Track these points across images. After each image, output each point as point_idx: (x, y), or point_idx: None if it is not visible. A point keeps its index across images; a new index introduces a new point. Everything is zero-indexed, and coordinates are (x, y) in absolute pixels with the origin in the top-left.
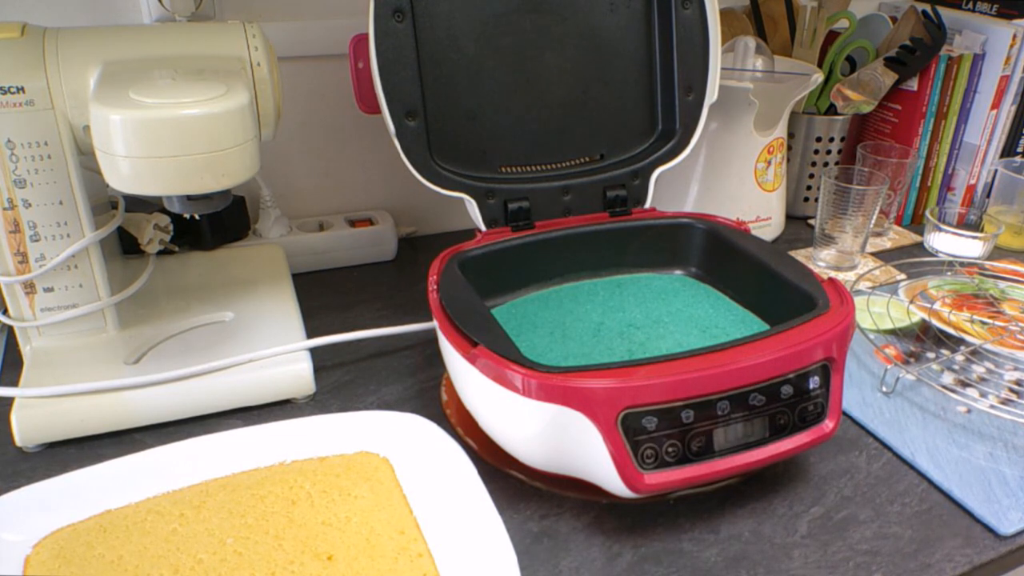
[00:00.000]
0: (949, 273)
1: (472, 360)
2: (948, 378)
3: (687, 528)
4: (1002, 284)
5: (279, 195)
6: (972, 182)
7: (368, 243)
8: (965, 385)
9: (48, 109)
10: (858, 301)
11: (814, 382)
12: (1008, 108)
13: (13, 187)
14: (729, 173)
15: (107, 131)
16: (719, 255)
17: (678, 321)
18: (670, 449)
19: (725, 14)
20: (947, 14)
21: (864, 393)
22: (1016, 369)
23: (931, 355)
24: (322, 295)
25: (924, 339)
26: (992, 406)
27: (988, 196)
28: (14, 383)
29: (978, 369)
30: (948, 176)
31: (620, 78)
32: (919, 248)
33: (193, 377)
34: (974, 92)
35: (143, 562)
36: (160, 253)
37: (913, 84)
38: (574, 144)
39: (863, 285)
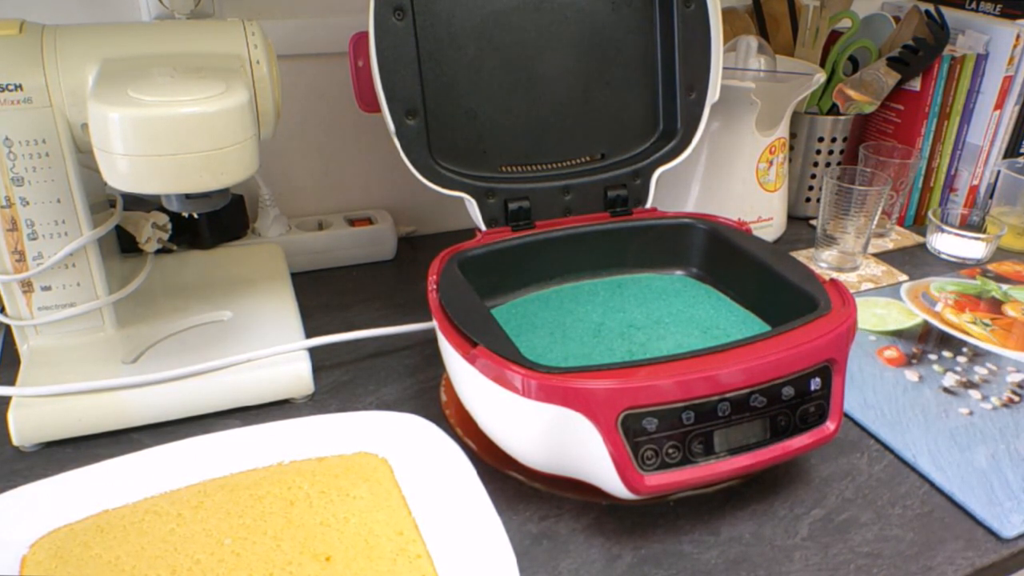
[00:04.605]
0: (952, 274)
1: (472, 360)
2: (950, 380)
3: (687, 530)
4: (1004, 286)
5: (278, 194)
6: (975, 183)
7: (367, 242)
8: (967, 387)
9: (46, 107)
10: (860, 302)
11: (815, 383)
12: (1011, 109)
13: (11, 185)
14: (731, 173)
15: (105, 129)
16: (720, 256)
17: (679, 322)
18: (671, 450)
19: (727, 13)
20: (950, 14)
21: (865, 395)
22: (1018, 371)
23: (933, 357)
24: (321, 294)
25: (926, 341)
26: (994, 408)
27: (991, 197)
28: (11, 382)
29: (980, 371)
30: (951, 177)
31: (621, 77)
32: (921, 249)
33: (191, 377)
34: (977, 92)
35: (140, 562)
36: (158, 252)
37: (916, 84)
38: (575, 143)
39: (865, 286)
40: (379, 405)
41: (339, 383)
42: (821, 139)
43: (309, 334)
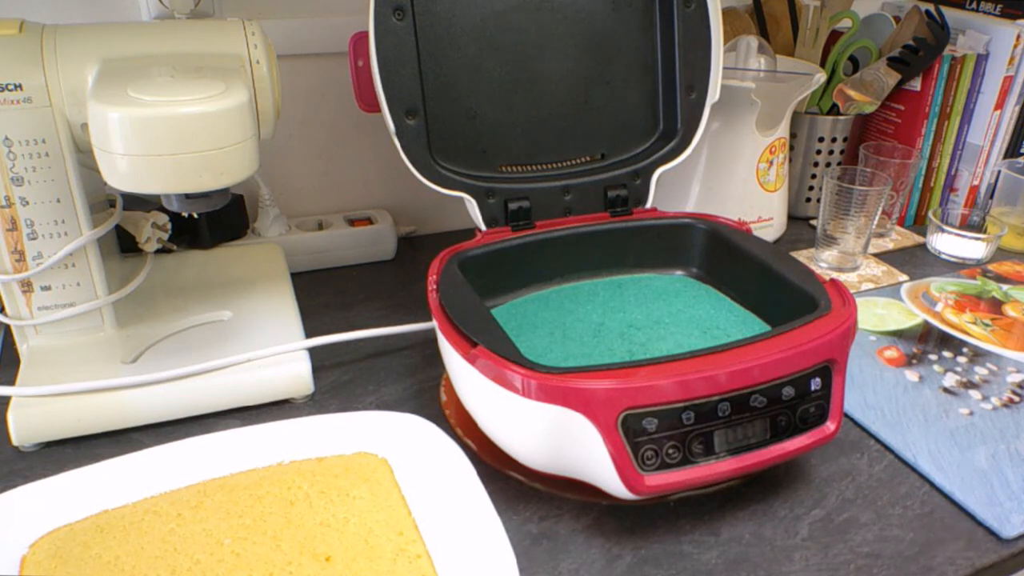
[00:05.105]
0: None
1: (472, 360)
2: (950, 380)
3: (687, 530)
4: (1005, 286)
5: (278, 194)
6: (975, 183)
7: (367, 242)
8: (967, 387)
9: (46, 106)
10: (860, 302)
11: (815, 384)
12: (1012, 109)
13: (11, 185)
14: (731, 173)
15: (105, 129)
16: (720, 256)
17: (679, 322)
18: (671, 451)
19: (727, 13)
20: (950, 14)
21: (866, 395)
22: (1018, 371)
23: (933, 357)
24: (321, 294)
25: (926, 341)
26: (995, 408)
27: (991, 197)
28: (11, 382)
29: (980, 371)
30: (951, 177)
31: (621, 77)
32: (922, 249)
33: (191, 377)
34: (977, 92)
35: (140, 563)
36: (158, 252)
37: (916, 84)
38: (575, 143)
39: (865, 286)
40: (379, 405)
41: (339, 383)
42: (821, 139)
43: (309, 334)
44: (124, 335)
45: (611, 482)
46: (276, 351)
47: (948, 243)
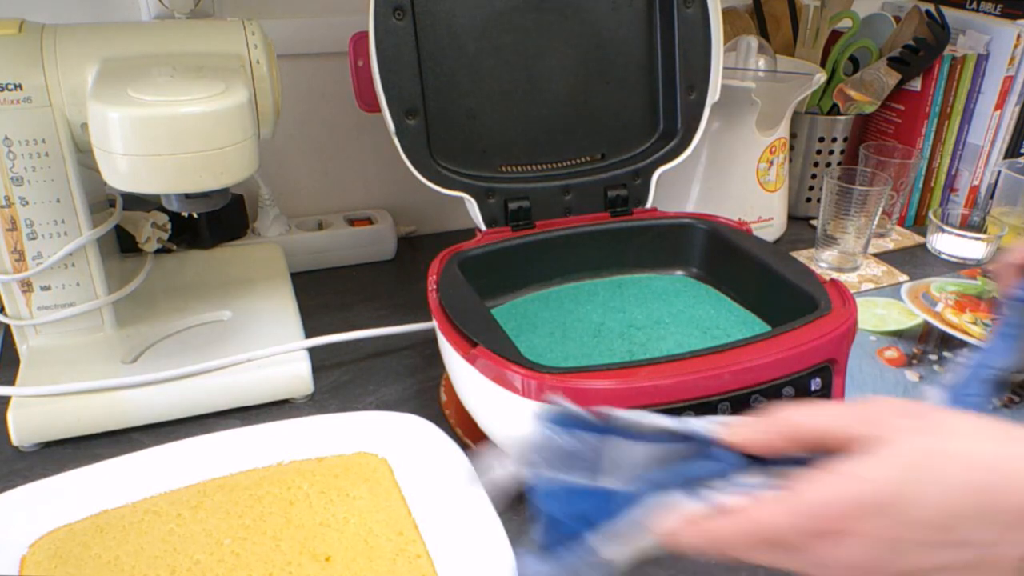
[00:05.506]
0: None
1: (471, 360)
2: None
3: None
4: None
5: (278, 194)
6: (975, 183)
7: (367, 242)
8: None
9: (46, 106)
10: (860, 302)
11: (816, 384)
12: (1012, 109)
13: (10, 185)
14: (731, 173)
15: (105, 129)
16: (720, 256)
17: (679, 322)
18: None
19: (727, 13)
20: (951, 14)
21: (866, 395)
22: (1019, 372)
23: (933, 357)
24: (321, 294)
25: (927, 341)
26: (995, 408)
27: (991, 197)
28: (11, 382)
29: None
30: (951, 177)
31: (622, 77)
32: (922, 249)
33: (191, 376)
34: (978, 92)
35: (140, 563)
36: (158, 252)
37: (916, 84)
38: (575, 143)
39: (865, 286)
40: (379, 405)
41: (339, 383)
42: (822, 139)
43: (309, 334)
44: (124, 335)
45: None
46: (276, 351)
47: (948, 243)
